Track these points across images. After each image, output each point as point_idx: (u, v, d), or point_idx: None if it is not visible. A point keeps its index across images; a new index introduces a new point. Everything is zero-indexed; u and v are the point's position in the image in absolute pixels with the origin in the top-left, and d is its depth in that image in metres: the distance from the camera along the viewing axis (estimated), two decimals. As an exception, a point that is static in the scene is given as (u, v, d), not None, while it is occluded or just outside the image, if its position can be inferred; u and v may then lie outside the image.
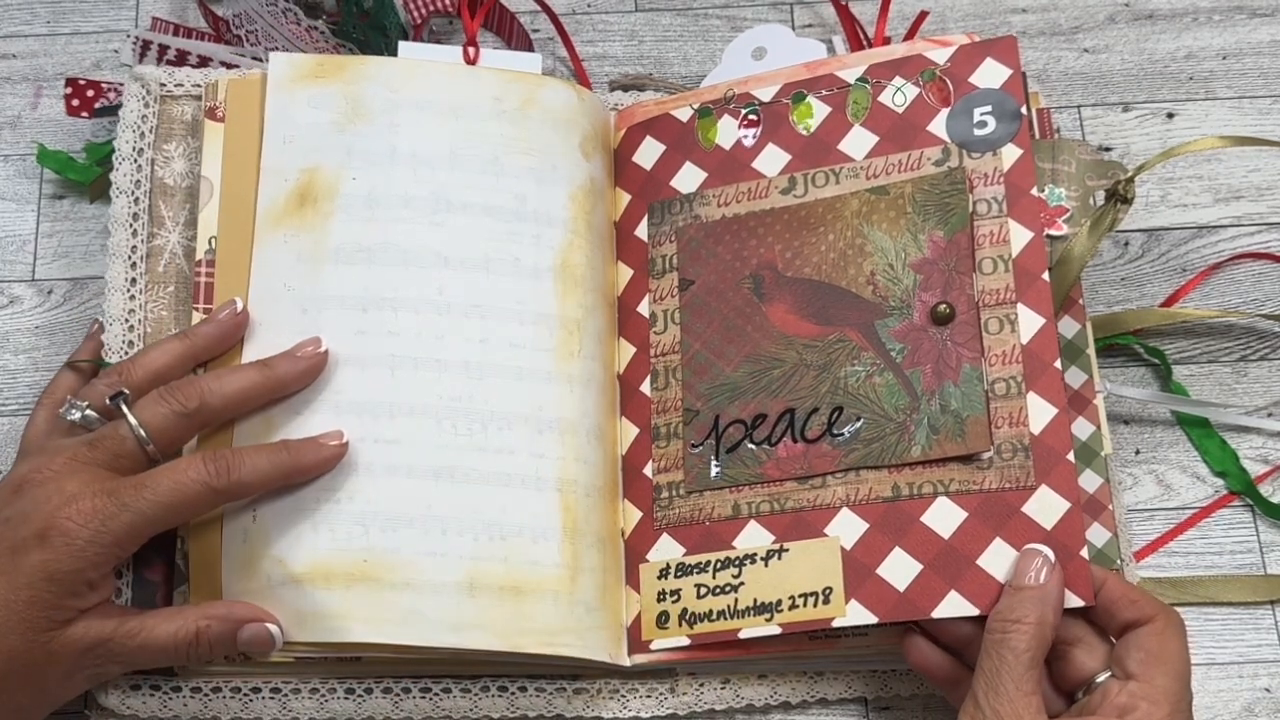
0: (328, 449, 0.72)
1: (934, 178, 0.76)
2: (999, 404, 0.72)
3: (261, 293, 0.76)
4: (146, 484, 0.68)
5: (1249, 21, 0.91)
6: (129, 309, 0.79)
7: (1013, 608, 0.67)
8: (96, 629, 0.67)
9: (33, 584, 0.65)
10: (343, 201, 0.77)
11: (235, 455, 0.70)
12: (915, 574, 0.70)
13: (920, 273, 0.75)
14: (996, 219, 0.75)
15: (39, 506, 0.67)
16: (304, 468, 0.72)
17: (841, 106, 0.79)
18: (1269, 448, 0.82)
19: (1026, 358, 0.72)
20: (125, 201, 0.80)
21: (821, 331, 0.75)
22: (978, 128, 0.76)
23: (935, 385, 0.73)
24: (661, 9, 0.93)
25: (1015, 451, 0.71)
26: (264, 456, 0.71)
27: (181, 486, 0.68)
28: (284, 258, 0.76)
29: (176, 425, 0.70)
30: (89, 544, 0.66)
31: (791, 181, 0.78)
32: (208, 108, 0.80)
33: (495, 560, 0.73)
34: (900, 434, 0.73)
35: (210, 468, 0.69)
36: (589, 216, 0.79)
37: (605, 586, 0.74)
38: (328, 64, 0.80)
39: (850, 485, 0.73)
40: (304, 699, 0.74)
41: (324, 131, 0.78)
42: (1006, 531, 0.70)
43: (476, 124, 0.79)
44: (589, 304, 0.78)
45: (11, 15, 0.93)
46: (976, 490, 0.71)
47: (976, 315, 0.73)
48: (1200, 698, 0.76)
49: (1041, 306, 0.72)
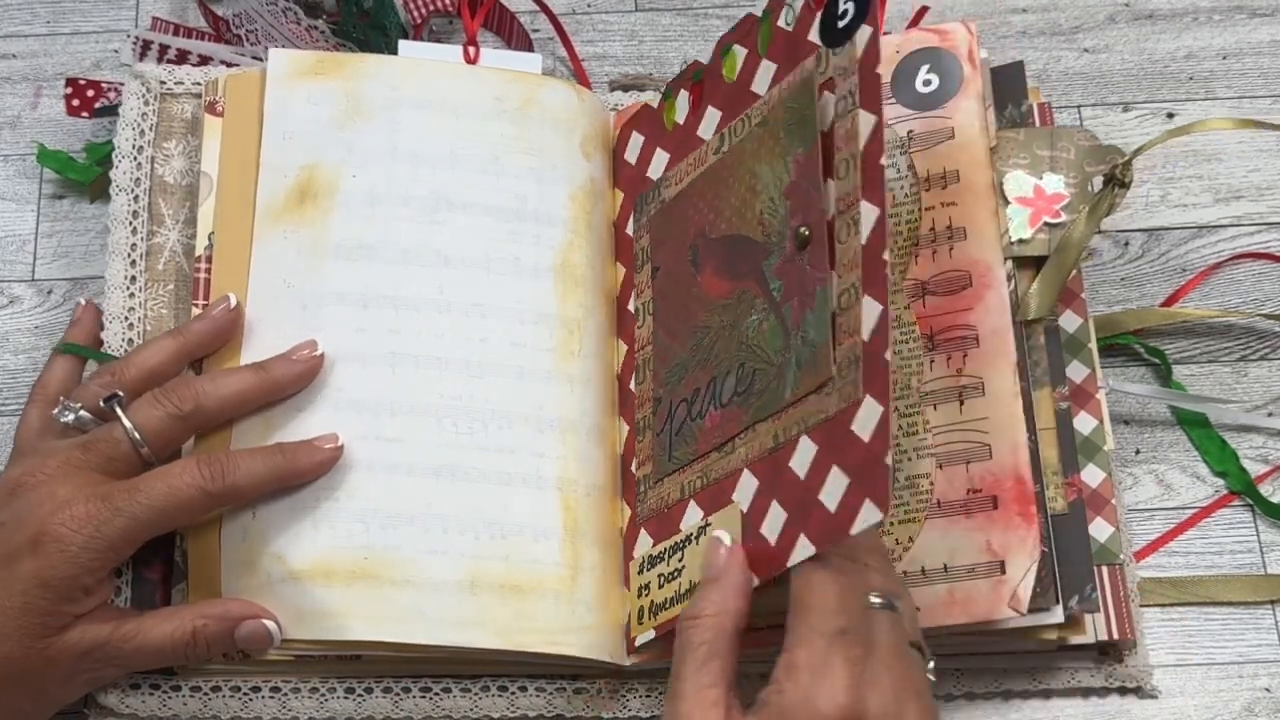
0: (323, 452, 0.72)
1: (793, 92, 0.70)
2: (842, 318, 0.65)
3: (261, 288, 0.76)
4: (140, 488, 0.67)
5: (1249, 21, 0.92)
6: (129, 307, 0.79)
7: (693, 603, 0.64)
8: (93, 633, 0.67)
9: (27, 591, 0.65)
10: (343, 198, 0.77)
11: (230, 459, 0.69)
12: (781, 524, 0.65)
13: (790, 199, 0.69)
14: (850, 114, 0.66)
15: (32, 512, 0.66)
16: (299, 471, 0.72)
17: (755, 45, 0.75)
18: (1269, 447, 0.82)
19: (865, 259, 0.63)
20: (125, 199, 0.80)
21: (732, 287, 0.72)
22: (840, 19, 0.68)
23: (800, 318, 0.67)
24: (661, 9, 0.93)
25: (850, 365, 0.63)
26: (259, 460, 0.70)
27: (176, 491, 0.68)
28: (284, 253, 0.76)
29: (171, 428, 0.70)
30: (83, 550, 0.66)
31: (720, 139, 0.76)
32: (208, 103, 0.80)
33: (496, 559, 0.73)
34: (779, 378, 0.68)
35: (205, 472, 0.68)
36: (589, 216, 0.79)
37: (605, 586, 0.74)
38: (327, 61, 0.80)
39: (749, 444, 0.69)
40: (304, 698, 0.74)
41: (324, 128, 0.79)
42: (839, 455, 0.63)
43: (477, 123, 0.79)
44: (589, 304, 0.78)
45: (11, 15, 0.93)
46: (824, 419, 0.64)
47: (828, 231, 0.66)
48: (1200, 697, 0.76)
49: (875, 197, 0.63)
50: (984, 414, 0.73)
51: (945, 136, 0.77)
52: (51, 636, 0.66)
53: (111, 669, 0.69)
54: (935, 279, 0.76)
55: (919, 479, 0.73)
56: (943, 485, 0.73)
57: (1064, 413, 0.76)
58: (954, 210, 0.76)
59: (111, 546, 0.67)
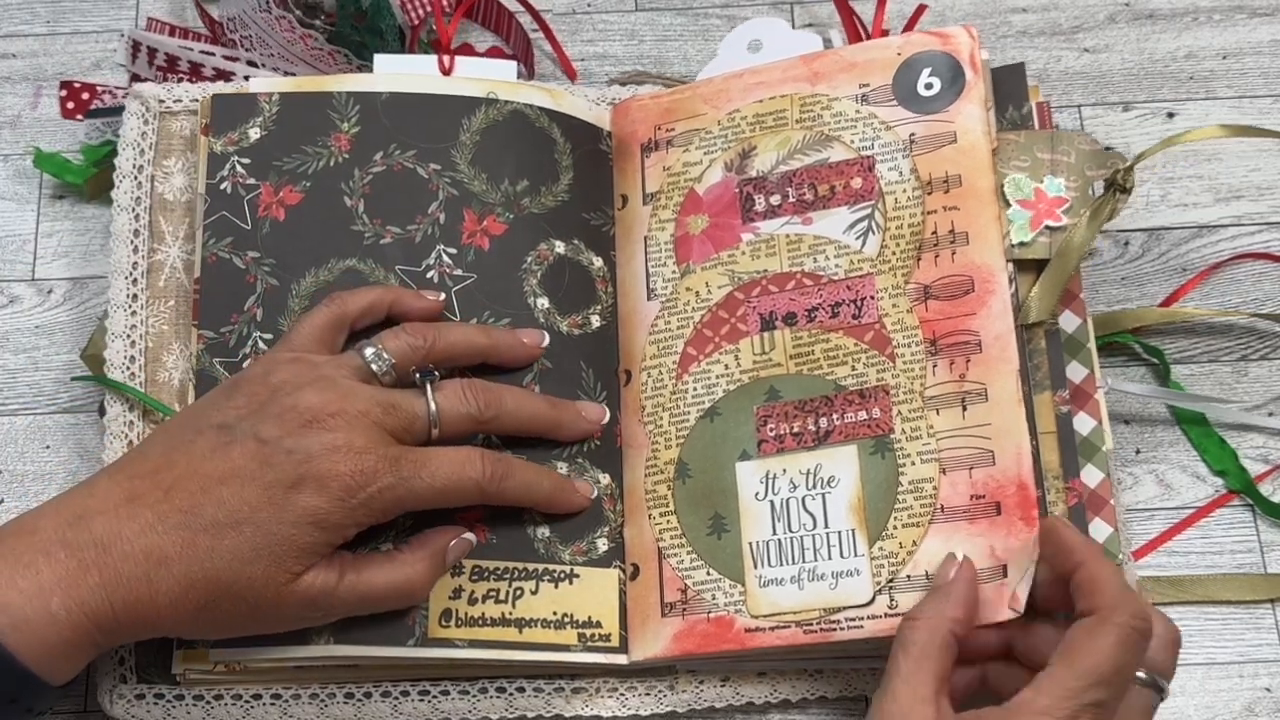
0: (580, 499, 0.75)
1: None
2: None
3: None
4: (428, 464, 0.68)
5: (1249, 21, 0.91)
6: (130, 325, 0.79)
7: (917, 606, 0.67)
8: (323, 581, 0.67)
9: (298, 523, 0.65)
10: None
11: (511, 465, 0.71)
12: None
13: None
14: None
15: (327, 453, 0.66)
16: (556, 503, 0.74)
17: None
18: (1269, 447, 0.82)
19: None
20: (126, 218, 0.80)
21: None
22: None
23: None
24: (661, 8, 0.93)
25: None
26: (533, 474, 0.73)
27: (457, 478, 0.69)
28: None
29: (465, 424, 0.71)
30: (360, 505, 0.66)
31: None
32: (203, 124, 0.80)
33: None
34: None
35: (488, 469, 0.70)
36: None
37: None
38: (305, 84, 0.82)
39: None
40: (304, 704, 0.74)
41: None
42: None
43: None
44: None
45: (11, 15, 0.93)
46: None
47: None
48: (1200, 697, 0.76)
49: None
50: (987, 420, 0.73)
51: (947, 140, 0.77)
52: (295, 574, 0.66)
53: (329, 617, 0.70)
54: (938, 283, 0.76)
55: (923, 483, 0.73)
56: (946, 490, 0.73)
57: (1065, 416, 0.76)
58: (956, 215, 0.76)
59: (384, 508, 0.68)
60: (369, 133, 0.80)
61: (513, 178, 0.80)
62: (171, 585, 0.64)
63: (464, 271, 0.78)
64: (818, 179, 0.79)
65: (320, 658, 0.72)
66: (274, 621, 0.69)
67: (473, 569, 0.73)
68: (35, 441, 0.83)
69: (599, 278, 0.80)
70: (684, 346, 0.79)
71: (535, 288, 0.78)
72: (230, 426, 0.67)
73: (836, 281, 0.77)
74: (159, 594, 0.64)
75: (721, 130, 0.82)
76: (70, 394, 0.83)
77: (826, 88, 0.81)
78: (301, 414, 0.67)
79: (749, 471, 0.76)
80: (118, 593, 0.64)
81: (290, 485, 0.66)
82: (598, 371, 0.78)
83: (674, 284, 0.80)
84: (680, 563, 0.75)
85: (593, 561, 0.75)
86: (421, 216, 0.79)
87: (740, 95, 0.82)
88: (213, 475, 0.66)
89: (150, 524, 0.65)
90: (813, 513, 0.74)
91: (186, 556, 0.65)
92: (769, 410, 0.76)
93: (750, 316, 0.78)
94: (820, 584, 0.73)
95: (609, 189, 0.83)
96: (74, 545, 0.64)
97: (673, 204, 0.81)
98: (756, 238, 0.79)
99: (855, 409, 0.75)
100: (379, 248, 0.78)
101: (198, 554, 0.65)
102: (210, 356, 0.76)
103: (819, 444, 0.75)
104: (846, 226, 0.78)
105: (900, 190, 0.78)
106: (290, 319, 0.77)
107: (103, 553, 0.64)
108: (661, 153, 0.82)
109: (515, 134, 0.81)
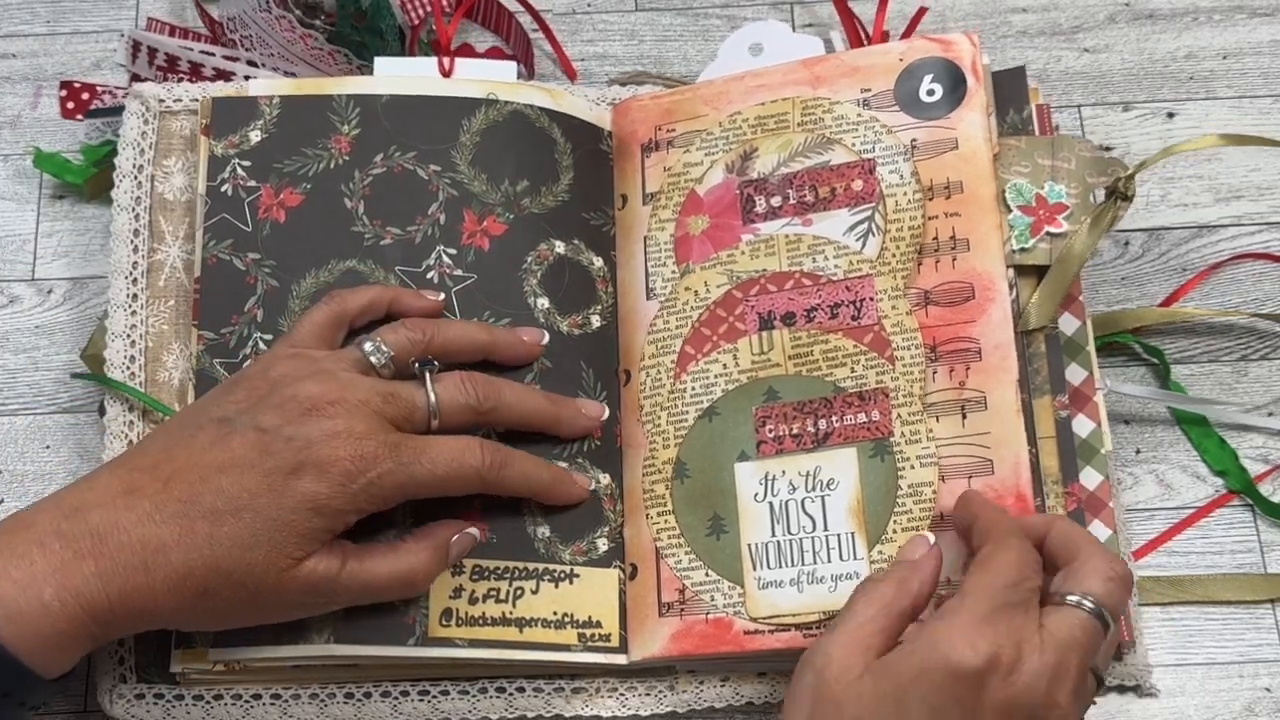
0: (579, 490, 0.75)
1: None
2: None
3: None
4: (428, 451, 0.68)
5: (1249, 21, 0.91)
6: (130, 325, 0.79)
7: (882, 573, 0.67)
8: (324, 568, 0.67)
9: (298, 509, 0.65)
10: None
11: (510, 455, 0.72)
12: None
13: None
14: None
15: (327, 439, 0.66)
16: (555, 496, 0.74)
17: None
18: (1269, 447, 0.82)
19: None
20: (126, 218, 0.80)
21: None
22: None
23: None
24: (661, 9, 0.93)
25: None
26: (533, 465, 0.73)
27: (459, 465, 0.69)
28: None
29: (464, 415, 0.71)
30: (361, 491, 0.66)
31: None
32: (203, 125, 0.80)
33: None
34: None
35: (488, 458, 0.70)
36: None
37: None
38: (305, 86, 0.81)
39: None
40: (304, 704, 0.74)
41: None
42: None
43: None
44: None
45: (11, 15, 0.93)
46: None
47: None
48: (1200, 697, 0.76)
49: None
50: (986, 428, 0.73)
51: (949, 147, 0.77)
52: (296, 560, 0.66)
53: (331, 605, 0.70)
54: (938, 289, 0.76)
55: (922, 487, 0.73)
56: (945, 498, 0.73)
57: (1064, 421, 0.76)
58: (957, 221, 0.76)
59: (384, 495, 0.67)
60: (369, 135, 0.80)
61: (513, 178, 0.80)
62: (170, 573, 0.64)
63: (464, 272, 0.78)
64: (819, 181, 0.79)
65: (320, 657, 0.72)
66: (274, 609, 0.68)
67: (473, 568, 0.73)
68: (35, 441, 0.83)
69: (599, 278, 0.80)
70: (682, 346, 0.79)
71: (535, 288, 0.78)
72: (230, 419, 0.67)
73: (836, 282, 0.77)
74: (156, 582, 0.64)
75: (723, 132, 0.82)
76: (70, 394, 0.83)
77: (828, 92, 0.81)
78: (301, 403, 0.67)
79: (748, 472, 0.76)
80: (114, 582, 0.64)
81: (290, 471, 0.66)
82: (598, 371, 0.78)
83: (673, 284, 0.80)
84: (678, 563, 0.75)
85: (593, 561, 0.75)
86: (421, 217, 0.79)
87: (741, 98, 0.82)
88: (212, 465, 0.66)
89: (148, 513, 0.65)
90: (812, 515, 0.74)
91: (185, 544, 0.64)
92: (768, 411, 0.76)
93: (748, 315, 0.78)
94: (820, 587, 0.73)
95: (609, 189, 0.83)
96: (69, 536, 0.64)
97: (673, 204, 0.81)
98: (756, 238, 0.79)
99: (855, 411, 0.75)
100: (379, 249, 0.78)
101: (196, 541, 0.65)
102: (210, 357, 0.76)
103: (818, 446, 0.75)
104: (847, 228, 0.78)
105: (901, 193, 0.78)
106: (291, 320, 0.77)
107: (99, 542, 0.64)
108: (662, 153, 0.82)
109: (515, 134, 0.81)
